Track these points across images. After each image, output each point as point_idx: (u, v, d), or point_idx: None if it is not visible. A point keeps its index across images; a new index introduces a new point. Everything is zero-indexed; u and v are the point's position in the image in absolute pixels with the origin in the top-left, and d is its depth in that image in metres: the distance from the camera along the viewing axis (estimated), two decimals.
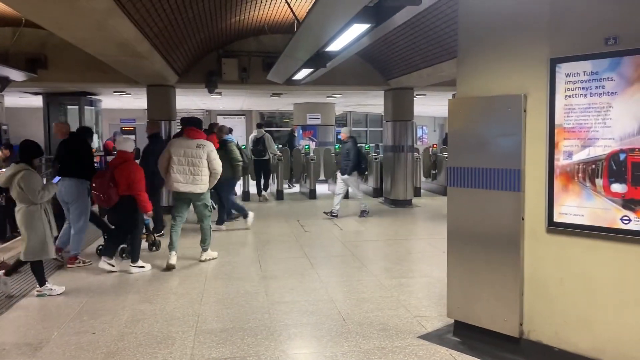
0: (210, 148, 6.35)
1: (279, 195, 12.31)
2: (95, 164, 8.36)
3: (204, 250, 6.58)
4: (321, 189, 13.49)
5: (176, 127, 11.17)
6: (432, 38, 8.06)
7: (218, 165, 6.34)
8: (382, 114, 12.86)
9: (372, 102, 16.54)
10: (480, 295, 3.87)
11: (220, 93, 12.82)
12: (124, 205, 5.85)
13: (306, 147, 14.84)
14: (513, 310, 3.66)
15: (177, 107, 11.25)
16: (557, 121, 3.39)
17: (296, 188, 14.29)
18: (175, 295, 5.20)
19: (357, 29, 5.23)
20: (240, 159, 8.67)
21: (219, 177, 6.43)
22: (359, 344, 3.99)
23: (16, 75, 8.80)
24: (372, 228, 8.87)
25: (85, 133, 6.81)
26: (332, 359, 3.73)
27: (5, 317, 4.60)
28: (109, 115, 17.46)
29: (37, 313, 4.77)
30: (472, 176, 3.87)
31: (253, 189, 12.33)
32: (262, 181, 12.32)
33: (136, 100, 14.62)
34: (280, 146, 14.48)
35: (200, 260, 6.50)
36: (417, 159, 12.82)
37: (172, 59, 8.52)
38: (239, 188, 11.39)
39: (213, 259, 6.60)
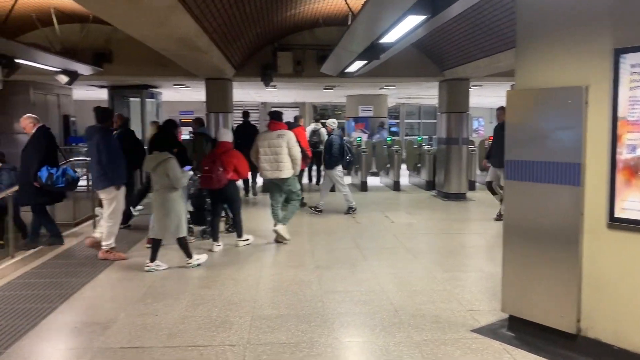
0: (290, 137, 6.95)
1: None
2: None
3: (282, 223, 7.10)
4: (373, 181, 13.50)
5: (233, 119, 11.46)
6: (489, 28, 7.89)
7: (297, 152, 6.97)
8: (437, 105, 12.69)
9: (426, 94, 16.34)
10: (536, 290, 3.82)
11: (275, 86, 13.02)
12: (229, 187, 6.59)
13: (358, 139, 14.85)
14: (570, 307, 3.60)
15: (233, 100, 11.52)
16: (620, 114, 3.29)
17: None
18: (233, 281, 5.39)
19: (412, 21, 5.20)
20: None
21: (299, 163, 7.09)
22: (411, 335, 4.03)
23: (84, 69, 9.26)
24: (424, 221, 8.82)
25: (170, 125, 7.31)
26: (385, 349, 3.79)
27: (78, 297, 4.92)
28: (169, 108, 18.01)
29: (105, 294, 5.07)
30: (530, 170, 3.81)
31: (305, 180, 12.49)
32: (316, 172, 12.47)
33: (194, 93, 15.07)
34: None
35: (274, 230, 7.07)
36: (472, 151, 12.57)
37: (229, 53, 8.74)
38: None
39: (285, 238, 7.05)
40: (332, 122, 9.60)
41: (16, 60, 7.46)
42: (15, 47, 7.27)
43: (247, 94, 17.13)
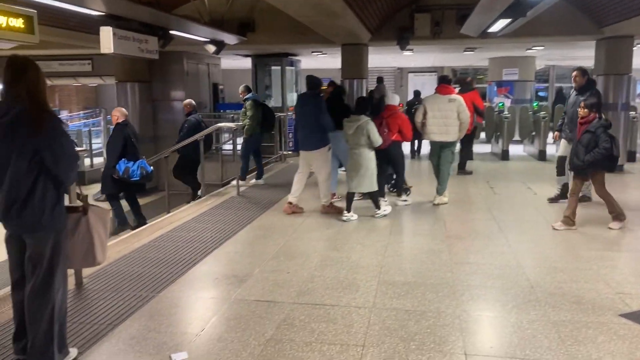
0: (460, 102, 7.08)
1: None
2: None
3: (439, 194, 7.25)
4: (515, 149, 12.66)
5: (367, 86, 11.42)
6: None
7: (466, 117, 7.07)
8: (592, 67, 11.44)
9: (581, 54, 14.76)
10: None
11: (411, 50, 12.68)
12: (393, 147, 6.89)
13: (500, 104, 13.98)
14: None
15: (369, 66, 11.46)
16: None
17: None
18: (361, 246, 5.45)
19: None
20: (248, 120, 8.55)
21: (466, 127, 7.17)
22: (548, 314, 3.75)
23: (229, 38, 9.83)
24: None
25: (340, 92, 7.73)
26: (517, 326, 3.58)
27: (221, 251, 5.33)
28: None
29: (244, 250, 5.43)
30: None
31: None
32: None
33: (331, 61, 15.24)
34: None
35: (434, 204, 7.18)
36: (633, 118, 11.21)
37: (364, 16, 8.65)
38: None
39: (444, 203, 7.20)
40: (383, 88, 9.33)
41: (170, 32, 8.14)
42: (170, 19, 7.92)
43: (383, 59, 16.92)
